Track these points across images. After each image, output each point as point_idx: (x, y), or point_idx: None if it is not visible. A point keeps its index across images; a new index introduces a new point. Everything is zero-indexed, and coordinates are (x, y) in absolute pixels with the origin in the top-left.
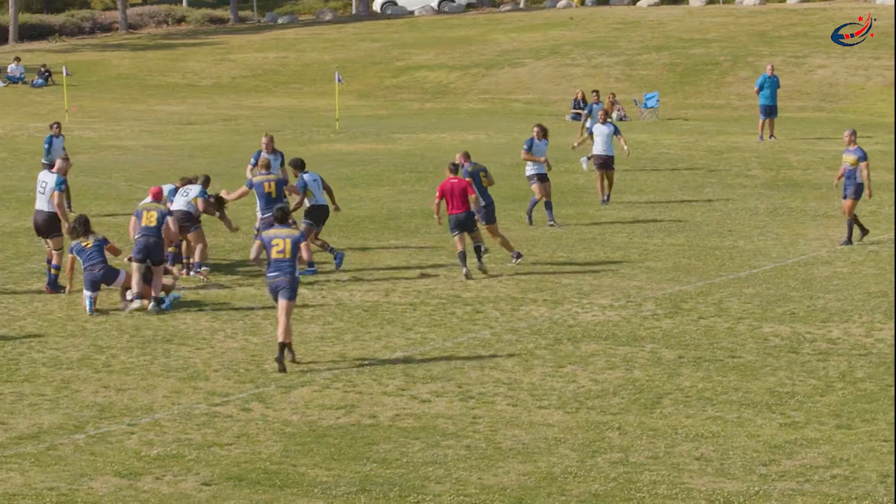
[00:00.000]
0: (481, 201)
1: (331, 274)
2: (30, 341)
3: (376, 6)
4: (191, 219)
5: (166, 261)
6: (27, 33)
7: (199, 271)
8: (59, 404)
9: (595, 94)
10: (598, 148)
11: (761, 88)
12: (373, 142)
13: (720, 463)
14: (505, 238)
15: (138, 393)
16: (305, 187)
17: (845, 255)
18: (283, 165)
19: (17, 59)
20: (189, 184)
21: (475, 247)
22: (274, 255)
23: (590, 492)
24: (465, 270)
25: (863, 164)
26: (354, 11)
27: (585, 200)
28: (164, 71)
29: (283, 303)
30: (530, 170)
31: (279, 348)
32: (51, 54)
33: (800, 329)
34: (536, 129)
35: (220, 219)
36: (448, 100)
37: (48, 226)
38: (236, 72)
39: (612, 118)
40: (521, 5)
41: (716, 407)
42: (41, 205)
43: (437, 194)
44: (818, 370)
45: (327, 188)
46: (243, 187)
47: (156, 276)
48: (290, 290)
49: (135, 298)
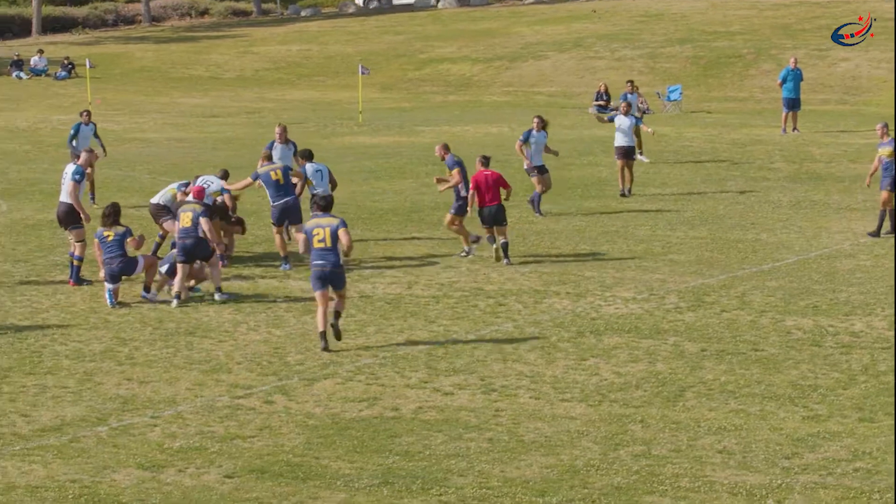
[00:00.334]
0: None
1: (352, 269)
2: (53, 334)
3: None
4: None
5: (214, 253)
6: (50, 26)
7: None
8: (82, 397)
9: (630, 84)
10: (620, 139)
11: (784, 81)
12: (396, 134)
13: (743, 456)
14: (463, 229)
15: (161, 385)
16: (306, 177)
17: (868, 248)
18: (295, 155)
19: (41, 52)
20: (206, 177)
21: (502, 244)
22: (315, 244)
23: (612, 484)
24: (494, 246)
25: None
26: (376, 4)
27: (608, 193)
28: (187, 63)
29: (335, 292)
30: (528, 163)
31: (333, 313)
32: (74, 47)
33: (823, 322)
34: (536, 120)
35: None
36: (471, 92)
37: (67, 217)
38: (259, 64)
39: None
40: None
41: (738, 400)
42: (63, 196)
43: (472, 185)
44: (841, 363)
45: (333, 181)
46: (247, 179)
47: (212, 269)
48: (339, 280)
49: (176, 298)
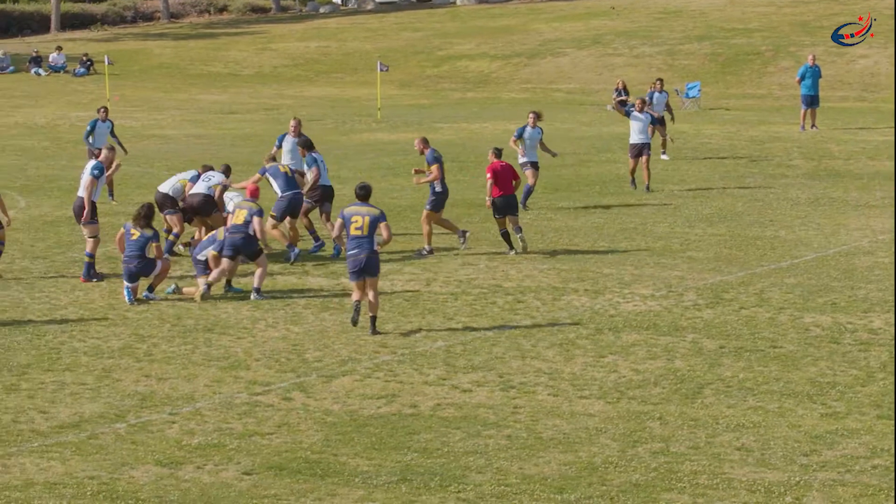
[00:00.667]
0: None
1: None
2: (71, 330)
3: None
4: (211, 203)
5: (262, 252)
6: (69, 22)
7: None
8: (101, 393)
9: (659, 81)
10: (634, 136)
11: (803, 78)
12: (414, 131)
13: (761, 453)
14: (431, 230)
15: (179, 382)
16: (315, 162)
17: (887, 245)
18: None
19: (59, 49)
20: (210, 171)
21: (515, 228)
22: (353, 231)
23: (630, 482)
24: (512, 251)
25: None
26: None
27: (626, 190)
28: (205, 60)
29: (370, 280)
30: (523, 158)
31: (370, 318)
32: (92, 43)
33: (841, 319)
34: (532, 115)
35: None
36: (489, 89)
37: (81, 211)
38: (278, 61)
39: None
40: None
41: (757, 397)
42: (80, 191)
43: (489, 175)
44: (859, 360)
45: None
46: (255, 175)
47: (259, 269)
48: (373, 268)
49: (205, 292)
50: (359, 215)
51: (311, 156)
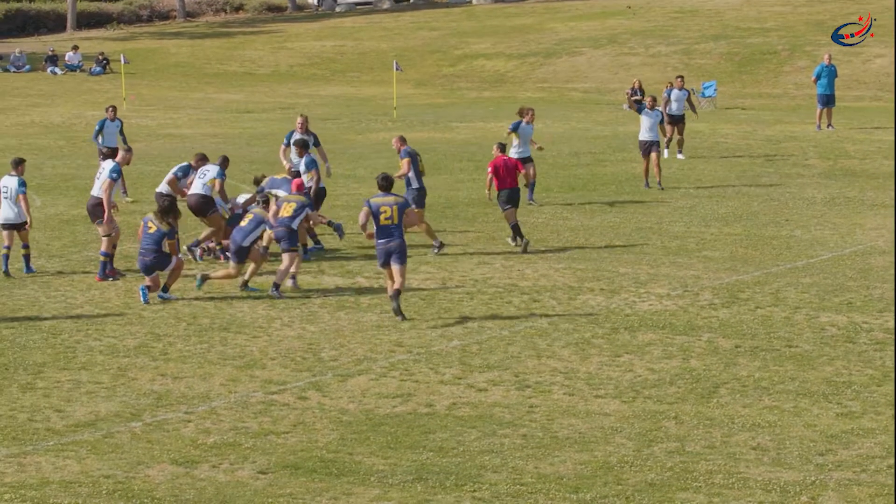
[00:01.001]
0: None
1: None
2: (87, 329)
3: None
4: (209, 203)
5: (297, 249)
6: (85, 21)
7: (193, 249)
8: (116, 392)
9: (679, 79)
10: (644, 133)
11: (819, 78)
12: (430, 130)
13: (777, 452)
14: (429, 226)
15: (195, 381)
16: (314, 164)
17: None
18: (316, 146)
19: (76, 48)
20: (203, 162)
21: (513, 226)
22: (382, 221)
23: (646, 481)
24: (523, 242)
25: None
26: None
27: (642, 189)
28: (221, 59)
29: (396, 267)
30: (514, 153)
31: (394, 292)
32: (109, 42)
33: (857, 319)
34: (529, 113)
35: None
36: (505, 89)
37: (95, 210)
38: (294, 60)
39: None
40: None
41: (772, 396)
42: (95, 190)
43: (490, 170)
44: (875, 360)
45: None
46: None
47: (285, 263)
48: (402, 255)
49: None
50: (387, 206)
51: (310, 157)
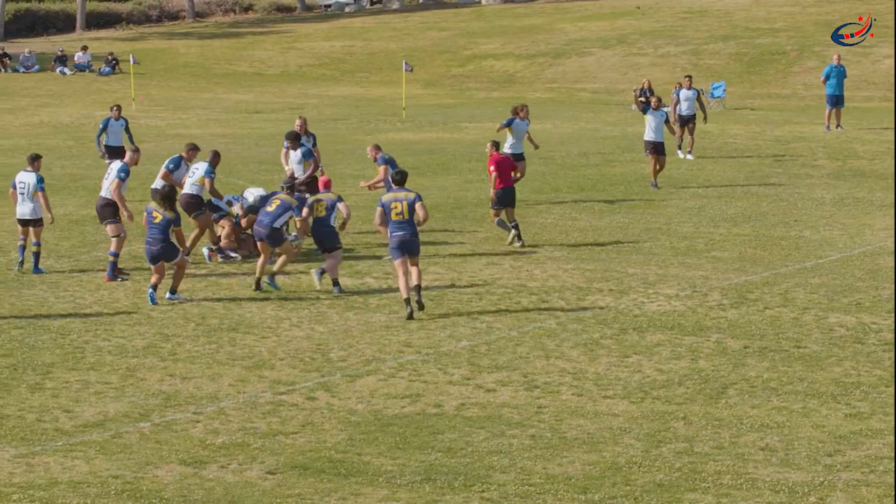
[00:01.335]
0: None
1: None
2: (96, 329)
3: None
4: (198, 203)
5: (340, 247)
6: (94, 21)
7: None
8: (125, 392)
9: (687, 79)
10: (649, 134)
11: (828, 78)
12: (439, 130)
13: (785, 453)
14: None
15: (204, 381)
16: (311, 155)
17: None
18: (314, 146)
19: (85, 48)
20: (194, 152)
21: (512, 220)
22: (394, 217)
23: (654, 481)
24: (513, 234)
25: None
26: (422, 0)
27: (651, 190)
28: (230, 59)
29: (411, 258)
30: (507, 149)
31: (414, 287)
32: (118, 42)
33: (865, 319)
34: (523, 109)
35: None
36: (514, 89)
37: (104, 211)
38: (303, 60)
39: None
40: None
41: (781, 397)
42: (103, 191)
43: (494, 168)
44: (884, 360)
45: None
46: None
47: (331, 260)
48: (415, 248)
49: (318, 273)
50: (398, 201)
51: (306, 147)
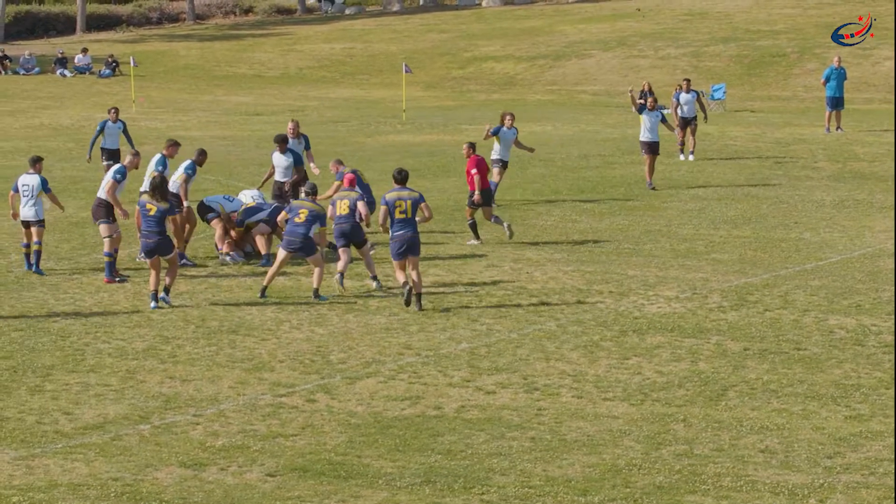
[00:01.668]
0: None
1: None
2: (95, 331)
3: None
4: (178, 201)
5: (367, 241)
6: (95, 23)
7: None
8: (125, 395)
9: (686, 82)
10: (645, 134)
11: (828, 80)
12: (439, 132)
13: (785, 455)
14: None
15: (203, 384)
16: (300, 161)
17: None
18: (307, 149)
19: (85, 50)
20: (175, 148)
21: (493, 218)
22: (397, 215)
23: (654, 484)
24: (480, 241)
25: None
26: (422, 2)
27: (651, 192)
28: (231, 61)
29: (412, 259)
30: (495, 155)
31: (415, 296)
32: (118, 44)
33: (866, 321)
34: (508, 117)
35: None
36: (515, 91)
37: (96, 212)
38: (303, 62)
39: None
40: None
41: (781, 399)
42: (99, 192)
43: (476, 170)
44: (884, 363)
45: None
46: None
47: (365, 258)
48: (416, 248)
49: (339, 275)
50: (402, 200)
51: (296, 153)
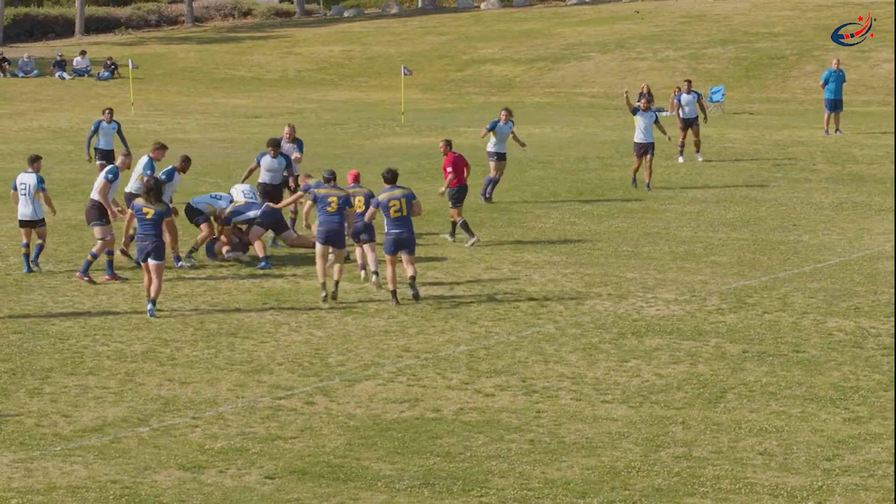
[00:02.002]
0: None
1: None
2: (94, 334)
3: None
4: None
5: (374, 239)
6: (93, 26)
7: (181, 265)
8: (124, 397)
9: (687, 83)
10: (639, 135)
11: (827, 82)
12: (438, 135)
13: (784, 458)
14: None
15: (202, 386)
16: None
17: None
18: (299, 152)
19: (84, 53)
20: (162, 151)
21: (462, 223)
22: (392, 214)
23: (653, 486)
24: (475, 238)
25: None
26: (421, 4)
27: (650, 195)
28: (230, 64)
29: (406, 256)
30: (491, 147)
31: (409, 280)
32: (117, 47)
33: (864, 324)
34: (504, 112)
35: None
36: (513, 93)
37: (90, 213)
38: (302, 65)
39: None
40: None
41: (779, 402)
42: (92, 193)
43: (452, 168)
44: (882, 365)
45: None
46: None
47: (369, 255)
48: (411, 244)
49: (375, 274)
50: (395, 199)
51: (287, 157)
